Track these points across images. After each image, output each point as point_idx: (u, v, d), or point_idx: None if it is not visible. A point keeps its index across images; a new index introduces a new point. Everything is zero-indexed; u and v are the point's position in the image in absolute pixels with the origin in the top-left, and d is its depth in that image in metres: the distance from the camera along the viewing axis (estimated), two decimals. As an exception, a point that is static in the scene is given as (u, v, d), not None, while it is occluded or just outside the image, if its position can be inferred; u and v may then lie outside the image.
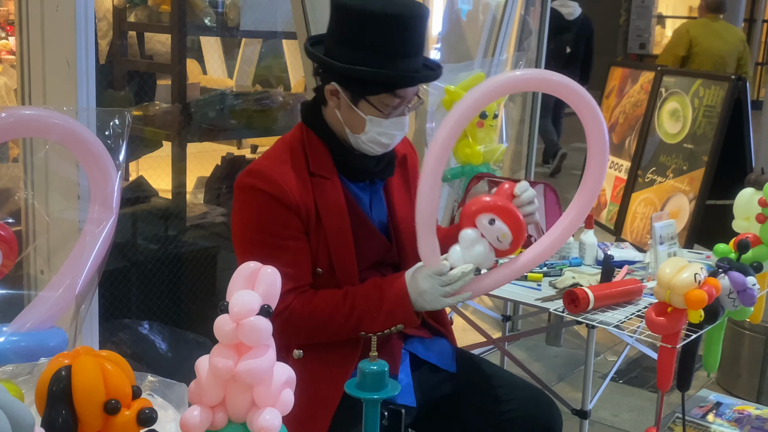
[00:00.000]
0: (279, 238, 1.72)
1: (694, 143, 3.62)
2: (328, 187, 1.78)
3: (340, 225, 1.78)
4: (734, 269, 1.86)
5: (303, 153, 1.78)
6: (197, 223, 3.25)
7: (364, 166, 1.83)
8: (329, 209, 1.77)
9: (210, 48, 5.15)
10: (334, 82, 1.73)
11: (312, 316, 1.74)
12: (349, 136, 1.77)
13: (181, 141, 3.06)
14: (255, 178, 1.73)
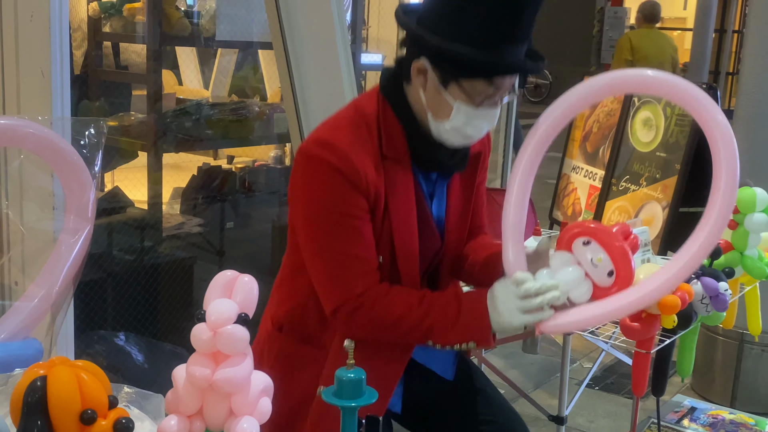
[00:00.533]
0: (349, 217, 1.56)
1: (666, 152, 3.66)
2: (400, 172, 1.61)
3: (407, 213, 1.63)
4: (707, 275, 1.89)
5: (378, 131, 1.60)
6: (173, 233, 3.23)
7: (439, 156, 1.64)
8: (398, 195, 1.61)
9: (186, 59, 5.13)
10: (425, 59, 1.53)
11: (385, 311, 1.58)
12: (430, 121, 1.59)
13: (157, 151, 3.05)
14: (325, 150, 1.54)
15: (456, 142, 1.60)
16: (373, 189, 1.57)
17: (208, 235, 3.40)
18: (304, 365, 1.70)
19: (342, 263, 1.57)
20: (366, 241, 1.58)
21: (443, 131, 1.58)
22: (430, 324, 1.58)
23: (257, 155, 4.41)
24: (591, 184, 4.25)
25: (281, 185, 3.74)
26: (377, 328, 1.60)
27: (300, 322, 1.71)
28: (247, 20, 3.24)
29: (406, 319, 1.58)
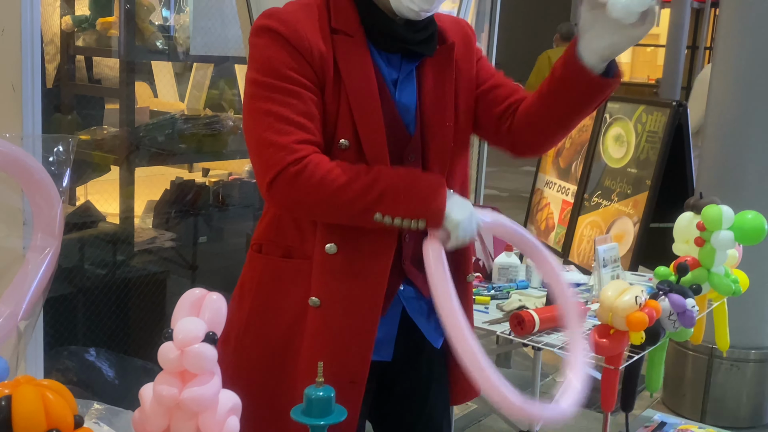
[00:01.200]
0: (290, 82, 1.48)
1: (637, 168, 3.71)
2: (354, 48, 1.53)
3: (366, 88, 1.52)
4: (674, 292, 1.92)
5: (326, 8, 1.54)
6: (146, 248, 3.22)
7: (397, 31, 1.56)
8: (353, 72, 1.52)
9: (161, 71, 5.11)
10: None
11: (327, 176, 1.45)
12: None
13: (130, 165, 3.04)
14: (269, 18, 1.51)
15: (417, 7, 1.52)
16: (318, 55, 1.49)
17: (181, 249, 3.39)
18: (290, 280, 1.59)
19: (277, 129, 1.46)
20: (306, 108, 1.48)
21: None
22: (381, 189, 1.46)
23: (233, 168, 4.40)
24: (564, 199, 4.29)
25: (255, 199, 3.73)
26: (320, 197, 1.46)
27: (277, 235, 1.61)
28: (222, 35, 3.24)
29: (352, 184, 1.45)
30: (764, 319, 3.48)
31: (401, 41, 1.57)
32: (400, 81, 1.59)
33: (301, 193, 1.46)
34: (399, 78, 1.59)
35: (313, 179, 1.45)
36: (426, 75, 1.61)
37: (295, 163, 1.45)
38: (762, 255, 3.29)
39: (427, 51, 1.60)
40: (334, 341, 1.57)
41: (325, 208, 1.49)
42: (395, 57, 1.58)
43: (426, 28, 1.59)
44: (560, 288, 1.62)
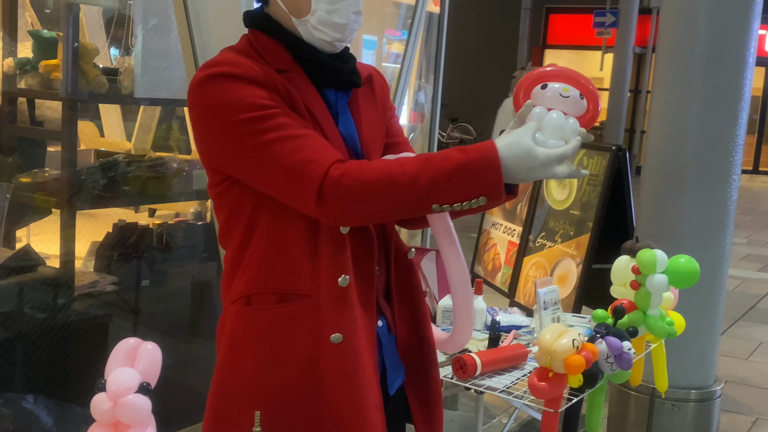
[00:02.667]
0: (270, 108, 1.43)
1: (580, 210, 3.78)
2: (299, 81, 1.51)
3: (328, 120, 1.53)
4: (611, 334, 1.95)
5: (258, 54, 1.51)
6: (87, 291, 3.17)
7: (329, 62, 1.55)
8: (311, 103, 1.51)
9: (108, 110, 5.08)
10: None
11: (373, 169, 1.41)
12: (297, 27, 1.53)
13: (71, 208, 3.00)
14: (215, 67, 1.44)
15: (330, 37, 1.52)
16: (284, 89, 1.47)
17: (123, 293, 3.34)
18: (298, 323, 1.51)
19: (292, 149, 1.41)
20: (299, 121, 1.45)
21: (312, 29, 1.51)
22: (430, 176, 1.38)
23: (180, 208, 4.36)
24: (510, 240, 4.35)
25: (200, 241, 3.71)
26: (370, 195, 1.40)
27: (267, 282, 1.52)
28: (168, 77, 3.24)
29: (400, 173, 1.40)
30: (703, 359, 3.55)
31: (335, 72, 1.56)
32: (340, 113, 1.58)
33: (354, 193, 1.40)
34: (339, 110, 1.59)
35: (358, 176, 1.40)
36: (359, 106, 1.62)
37: (332, 169, 1.41)
38: (700, 297, 3.37)
39: (357, 81, 1.61)
40: (355, 372, 1.52)
41: (383, 203, 1.42)
42: (331, 91, 1.58)
43: (349, 60, 1.61)
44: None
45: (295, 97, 1.48)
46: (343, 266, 1.52)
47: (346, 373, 1.51)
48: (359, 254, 1.56)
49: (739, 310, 6.21)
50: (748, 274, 7.57)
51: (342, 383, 1.51)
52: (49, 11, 4.08)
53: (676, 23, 3.49)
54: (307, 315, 1.51)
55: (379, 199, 1.41)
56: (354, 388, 1.50)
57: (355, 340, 1.52)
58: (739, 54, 3.37)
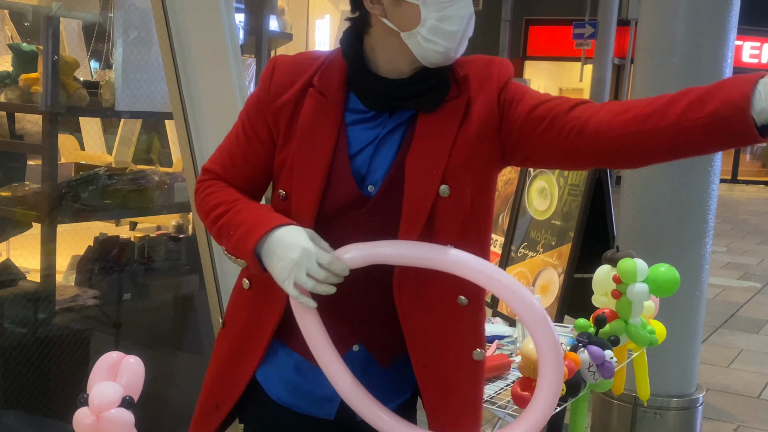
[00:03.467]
0: (244, 125, 1.59)
1: (561, 220, 3.80)
2: (321, 104, 1.52)
3: (315, 146, 1.51)
4: (593, 343, 1.97)
5: (319, 66, 1.56)
6: (68, 306, 3.14)
7: (379, 89, 1.51)
8: (310, 126, 1.52)
9: (88, 123, 5.06)
10: None
11: (204, 199, 1.59)
12: (406, 41, 1.47)
13: (51, 222, 2.98)
14: (269, 61, 1.62)
15: (441, 47, 1.46)
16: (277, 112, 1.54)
17: (105, 307, 3.32)
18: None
19: (216, 153, 1.64)
20: (240, 151, 1.59)
21: (423, 42, 1.46)
22: (224, 222, 1.52)
23: (161, 221, 4.35)
24: (492, 250, 4.36)
25: (182, 254, 3.69)
26: (200, 213, 1.61)
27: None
28: (149, 90, 3.23)
29: (213, 211, 1.56)
30: (685, 367, 3.57)
31: (385, 98, 1.52)
32: (380, 138, 1.53)
33: (197, 207, 1.62)
34: (379, 135, 1.53)
35: (197, 198, 1.61)
36: (416, 132, 1.51)
37: (198, 183, 1.63)
38: (680, 305, 3.39)
39: (419, 106, 1.51)
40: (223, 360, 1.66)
41: (207, 227, 1.60)
42: (384, 115, 1.53)
43: (425, 80, 1.51)
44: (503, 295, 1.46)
45: (284, 119, 1.54)
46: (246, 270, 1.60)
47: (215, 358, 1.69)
48: None
49: (720, 318, 6.25)
50: (728, 282, 7.63)
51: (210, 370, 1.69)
52: (28, 24, 4.07)
53: (653, 34, 3.52)
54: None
55: (204, 222, 1.60)
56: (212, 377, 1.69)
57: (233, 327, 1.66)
58: (717, 65, 3.41)
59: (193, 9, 2.62)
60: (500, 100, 1.52)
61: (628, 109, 1.40)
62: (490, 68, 1.55)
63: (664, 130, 1.34)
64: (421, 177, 1.49)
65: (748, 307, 6.74)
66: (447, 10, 1.44)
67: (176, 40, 2.59)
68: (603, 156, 1.43)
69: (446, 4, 1.44)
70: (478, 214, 1.55)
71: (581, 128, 1.42)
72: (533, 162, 1.58)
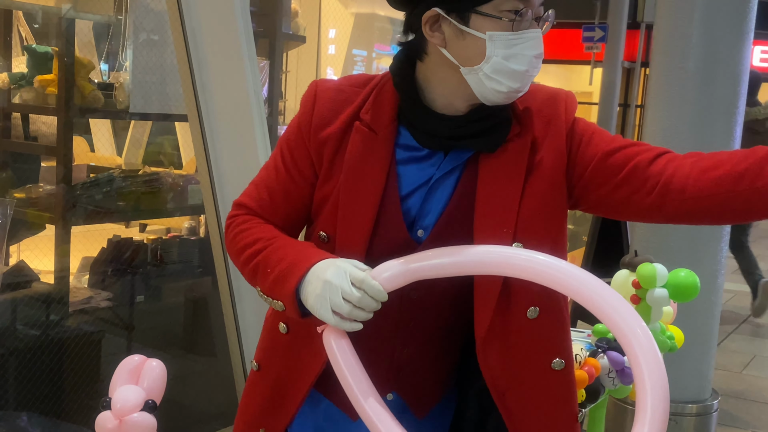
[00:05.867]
0: (284, 158, 1.45)
1: (574, 224, 3.78)
2: (369, 141, 1.40)
3: (362, 191, 1.39)
4: (612, 349, 1.95)
5: (366, 95, 1.44)
6: (81, 308, 3.14)
7: (435, 127, 1.38)
8: (356, 164, 1.39)
9: (99, 125, 5.07)
10: (433, 7, 1.34)
11: (238, 236, 1.45)
12: (466, 76, 1.35)
13: (65, 224, 2.98)
14: (312, 86, 1.47)
15: (504, 87, 1.34)
16: (320, 147, 1.41)
17: (118, 309, 3.32)
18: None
19: (250, 186, 1.51)
20: (278, 186, 1.46)
21: (485, 79, 1.33)
22: (259, 262, 1.40)
23: (172, 224, 4.35)
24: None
25: (195, 257, 3.69)
26: (231, 252, 1.48)
27: None
28: (162, 92, 3.23)
29: (247, 249, 1.42)
30: (701, 373, 3.54)
31: (442, 137, 1.39)
32: (434, 181, 1.41)
33: (227, 246, 1.50)
34: (433, 177, 1.41)
35: (230, 234, 1.47)
36: (480, 180, 1.39)
37: (229, 218, 1.50)
38: (696, 310, 3.37)
39: (479, 147, 1.39)
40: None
41: (239, 268, 1.47)
42: (439, 154, 1.41)
43: (485, 119, 1.39)
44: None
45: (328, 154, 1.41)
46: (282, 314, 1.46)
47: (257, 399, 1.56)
48: None
49: (732, 323, 6.21)
50: (740, 287, 7.58)
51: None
52: (39, 26, 4.08)
53: (669, 37, 3.50)
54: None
55: (235, 260, 1.47)
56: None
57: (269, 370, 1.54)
58: (734, 68, 3.39)
59: (208, 11, 2.61)
60: (569, 141, 1.41)
61: (716, 165, 1.30)
62: (557, 104, 1.44)
63: (760, 189, 1.24)
64: (491, 236, 1.36)
65: (760, 312, 6.70)
66: (515, 48, 1.32)
67: (191, 41, 2.59)
68: (688, 215, 1.32)
69: (515, 41, 1.32)
70: None
71: (666, 185, 1.31)
72: (602, 212, 1.47)
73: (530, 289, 1.38)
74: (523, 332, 1.41)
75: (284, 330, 1.49)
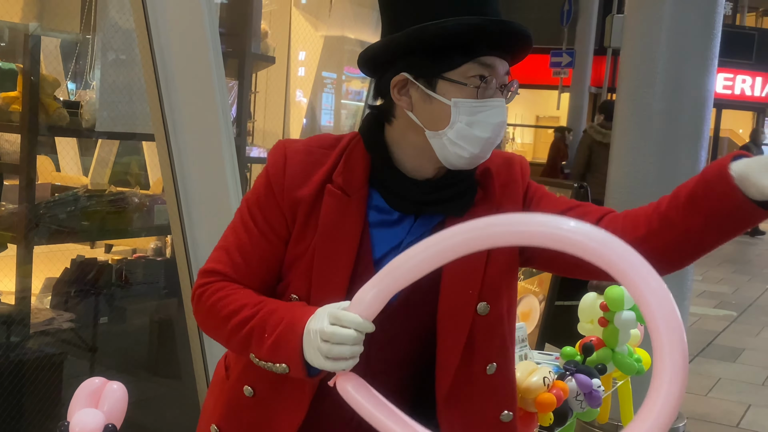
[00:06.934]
0: (255, 221, 1.42)
1: (542, 247, 3.80)
2: (342, 204, 1.40)
3: (337, 254, 1.39)
4: (580, 372, 1.94)
5: (337, 158, 1.44)
6: (42, 329, 3.08)
7: (408, 191, 1.41)
8: (331, 227, 1.39)
9: (65, 144, 5.01)
10: (401, 69, 1.37)
11: (217, 304, 1.38)
12: (431, 140, 1.38)
13: (28, 243, 2.93)
14: (275, 149, 1.45)
15: (467, 153, 1.36)
16: (293, 206, 1.40)
17: (80, 330, 3.26)
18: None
19: (217, 255, 1.45)
20: (252, 250, 1.41)
21: (449, 144, 1.36)
22: (252, 328, 1.33)
23: (138, 245, 4.29)
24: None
25: (160, 278, 3.64)
26: (210, 323, 1.42)
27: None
28: (129, 111, 3.20)
29: (234, 317, 1.36)
30: (666, 395, 3.56)
31: (414, 202, 1.41)
32: (404, 245, 1.41)
33: (201, 316, 1.44)
34: (404, 241, 1.42)
35: (206, 305, 1.40)
36: None
37: (201, 287, 1.42)
38: (662, 332, 3.39)
39: (449, 212, 1.42)
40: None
41: (220, 338, 1.41)
42: (409, 218, 1.43)
43: (454, 185, 1.42)
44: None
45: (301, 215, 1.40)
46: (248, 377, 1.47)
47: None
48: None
49: (697, 346, 6.27)
50: (704, 310, 7.67)
51: None
52: (5, 44, 4.03)
53: (636, 63, 3.55)
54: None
55: (216, 329, 1.41)
56: None
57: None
58: (698, 94, 3.45)
59: (177, 30, 2.60)
60: (524, 204, 1.48)
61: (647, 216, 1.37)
62: (512, 168, 1.50)
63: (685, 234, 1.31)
64: (457, 296, 1.41)
65: (725, 335, 6.77)
66: (479, 115, 1.35)
67: (159, 61, 2.57)
68: None
69: (479, 108, 1.35)
70: (512, 322, 1.51)
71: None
72: (554, 270, 1.54)
73: (492, 345, 1.45)
74: (482, 388, 1.46)
75: (250, 393, 1.46)
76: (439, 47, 1.35)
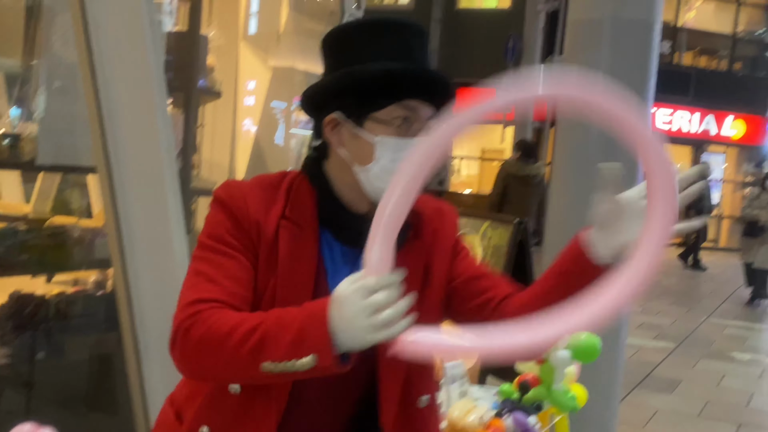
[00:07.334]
0: (228, 245, 1.44)
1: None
2: (300, 237, 1.47)
3: (298, 281, 1.45)
4: (517, 410, 1.98)
5: (285, 195, 1.51)
6: (-24, 365, 3.01)
7: (353, 225, 1.49)
8: (292, 260, 1.46)
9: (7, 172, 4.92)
10: (333, 109, 1.49)
11: (213, 326, 1.33)
12: (359, 174, 1.48)
13: (-36, 277, 2.87)
14: (220, 189, 1.50)
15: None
16: (257, 229, 1.45)
17: (16, 366, 3.19)
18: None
19: (194, 284, 1.41)
20: (238, 272, 1.42)
21: (374, 179, 1.46)
22: (262, 333, 1.29)
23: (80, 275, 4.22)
24: (415, 310, 4.37)
25: (101, 311, 3.58)
26: (205, 351, 1.33)
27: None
28: (71, 143, 3.16)
29: (237, 329, 1.31)
30: (604, 429, 3.62)
31: (359, 235, 1.39)
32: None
33: (191, 350, 1.35)
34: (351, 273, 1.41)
35: (199, 331, 1.34)
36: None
37: (187, 320, 1.36)
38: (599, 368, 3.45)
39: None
40: None
41: (216, 363, 1.34)
42: (355, 251, 1.47)
43: None
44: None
45: (266, 244, 1.45)
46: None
47: None
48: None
49: (635, 378, 6.38)
50: (643, 342, 7.81)
51: None
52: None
53: (574, 103, 3.64)
54: None
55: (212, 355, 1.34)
56: None
57: None
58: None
59: (121, 62, 2.59)
60: (452, 254, 1.60)
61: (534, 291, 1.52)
62: (444, 218, 1.63)
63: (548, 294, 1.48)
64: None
65: (663, 366, 6.90)
66: (401, 153, 1.43)
67: (103, 92, 2.56)
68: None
69: (402, 146, 1.44)
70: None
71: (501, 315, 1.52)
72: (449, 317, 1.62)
73: (429, 378, 1.58)
74: (419, 421, 1.55)
75: (236, 390, 1.46)
76: (366, 90, 1.46)
